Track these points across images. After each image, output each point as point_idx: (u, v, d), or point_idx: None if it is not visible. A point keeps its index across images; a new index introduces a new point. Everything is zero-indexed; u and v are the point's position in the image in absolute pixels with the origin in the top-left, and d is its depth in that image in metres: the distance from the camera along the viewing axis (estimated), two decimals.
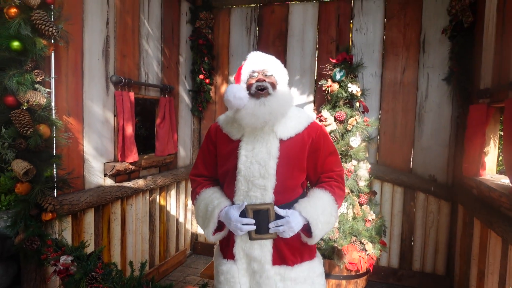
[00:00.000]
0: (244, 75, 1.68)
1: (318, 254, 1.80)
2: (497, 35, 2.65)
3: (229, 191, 1.68)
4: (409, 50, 3.59)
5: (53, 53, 2.30)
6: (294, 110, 1.74)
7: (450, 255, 3.54)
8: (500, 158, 3.79)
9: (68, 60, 2.48)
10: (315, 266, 1.72)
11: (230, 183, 1.67)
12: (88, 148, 2.70)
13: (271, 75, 1.66)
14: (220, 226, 1.68)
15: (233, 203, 1.65)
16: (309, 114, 1.78)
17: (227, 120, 1.77)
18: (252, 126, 1.60)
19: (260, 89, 1.60)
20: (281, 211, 1.56)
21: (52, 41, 2.14)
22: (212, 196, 1.70)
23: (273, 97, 1.61)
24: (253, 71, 1.65)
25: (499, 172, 3.61)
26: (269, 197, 1.59)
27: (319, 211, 1.60)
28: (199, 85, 4.10)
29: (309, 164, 1.70)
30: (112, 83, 2.91)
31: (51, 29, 2.03)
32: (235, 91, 1.58)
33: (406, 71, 3.61)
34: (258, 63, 1.67)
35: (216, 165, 1.78)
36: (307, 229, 1.61)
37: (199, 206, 1.73)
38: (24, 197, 2.14)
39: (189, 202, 4.28)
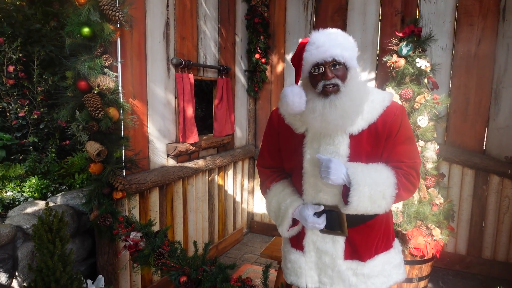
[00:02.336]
0: (307, 66, 1.40)
1: (396, 243, 1.68)
2: None
3: (298, 187, 1.60)
4: (486, 19, 3.23)
5: (119, 38, 2.36)
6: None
7: None
8: None
9: (132, 44, 2.54)
10: (391, 257, 1.61)
11: (297, 181, 1.58)
12: (152, 130, 2.79)
13: (341, 65, 1.36)
14: (293, 220, 1.59)
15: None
16: (385, 95, 1.48)
17: None
18: (322, 132, 1.43)
19: (328, 87, 1.37)
20: (324, 156, 1.41)
21: (118, 26, 2.20)
22: (284, 192, 1.61)
23: (344, 94, 1.37)
24: (318, 64, 1.36)
25: None
26: (340, 199, 1.46)
27: (369, 181, 1.36)
28: (255, 65, 4.05)
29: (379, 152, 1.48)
30: (172, 66, 2.95)
31: (117, 14, 2.07)
32: (288, 98, 1.39)
33: (481, 42, 3.27)
34: (325, 51, 1.34)
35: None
36: (347, 195, 1.40)
37: (271, 201, 1.65)
38: (97, 177, 2.27)
39: (246, 182, 4.32)
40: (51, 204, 2.49)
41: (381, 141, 1.44)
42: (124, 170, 2.47)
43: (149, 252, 2.17)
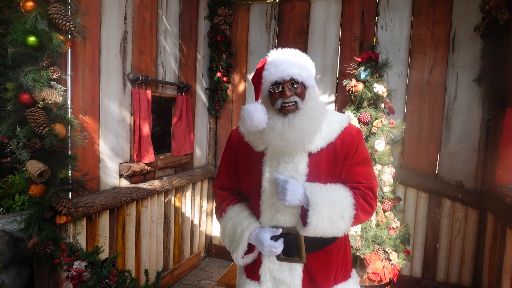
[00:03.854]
0: (266, 85, 1.41)
1: (353, 273, 1.64)
2: None
3: (255, 209, 1.53)
4: (437, 49, 3.41)
5: (69, 49, 2.20)
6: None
7: (477, 266, 3.36)
8: None
9: (85, 57, 2.39)
10: None
11: (255, 201, 1.51)
12: (104, 148, 2.61)
13: (299, 83, 1.38)
14: (249, 247, 1.52)
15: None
16: (343, 117, 1.52)
17: None
18: (282, 150, 1.42)
19: (287, 105, 1.38)
20: (282, 176, 1.40)
21: (69, 36, 2.05)
22: (240, 215, 1.54)
23: (303, 112, 1.38)
24: (277, 83, 1.38)
25: None
26: (298, 220, 1.42)
27: (327, 201, 1.34)
28: (216, 83, 3.98)
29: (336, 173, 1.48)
30: (129, 81, 2.81)
31: (68, 23, 1.93)
32: (253, 114, 1.36)
33: (433, 71, 3.43)
34: (283, 71, 1.36)
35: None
36: (305, 216, 1.37)
37: (226, 225, 1.56)
38: (38, 199, 2.05)
39: (205, 203, 4.17)
40: None
41: (339, 161, 1.46)
42: (70, 192, 2.27)
43: (94, 284, 1.98)
